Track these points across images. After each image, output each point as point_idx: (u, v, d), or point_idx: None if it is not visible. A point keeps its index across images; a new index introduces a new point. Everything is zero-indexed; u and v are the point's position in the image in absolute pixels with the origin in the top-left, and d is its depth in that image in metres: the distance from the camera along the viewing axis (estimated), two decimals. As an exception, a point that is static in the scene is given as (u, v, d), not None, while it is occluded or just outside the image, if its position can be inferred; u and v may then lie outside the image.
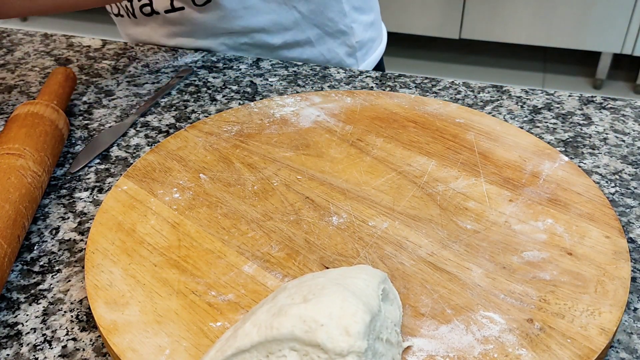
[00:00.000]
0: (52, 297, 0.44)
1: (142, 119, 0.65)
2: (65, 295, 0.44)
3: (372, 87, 0.70)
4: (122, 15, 0.84)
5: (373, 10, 0.89)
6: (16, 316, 0.42)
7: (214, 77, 0.73)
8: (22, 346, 0.40)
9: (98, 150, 0.59)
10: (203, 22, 0.77)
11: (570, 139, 0.60)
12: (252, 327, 0.33)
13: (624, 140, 0.59)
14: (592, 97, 0.67)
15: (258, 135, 0.58)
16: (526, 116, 0.63)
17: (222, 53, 0.79)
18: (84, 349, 0.40)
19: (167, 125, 0.64)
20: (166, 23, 0.79)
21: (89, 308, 0.42)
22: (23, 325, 0.42)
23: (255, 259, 0.44)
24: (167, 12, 0.77)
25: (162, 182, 0.52)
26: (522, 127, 0.61)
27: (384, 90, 0.69)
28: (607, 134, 0.60)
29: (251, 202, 0.49)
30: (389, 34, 0.98)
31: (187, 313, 0.39)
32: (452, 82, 0.71)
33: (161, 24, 0.79)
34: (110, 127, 0.64)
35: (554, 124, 0.62)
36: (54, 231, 0.50)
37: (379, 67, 0.94)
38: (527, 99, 0.67)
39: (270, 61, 0.77)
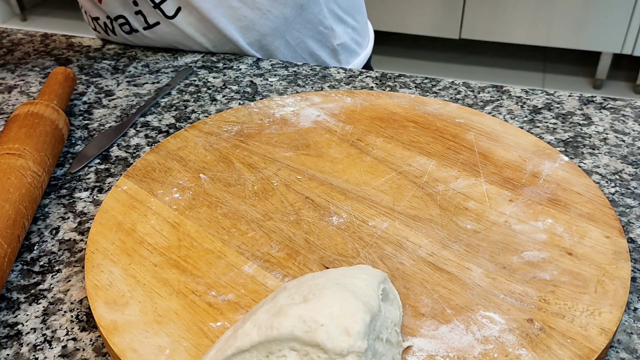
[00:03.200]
0: (52, 297, 0.44)
1: (142, 119, 0.65)
2: (65, 295, 0.44)
3: (372, 87, 0.70)
4: (98, 32, 0.84)
5: (357, 12, 0.88)
6: (16, 316, 0.42)
7: (214, 77, 0.73)
8: (22, 346, 0.40)
9: (98, 150, 0.59)
10: (180, 33, 0.77)
11: (570, 139, 0.60)
12: (252, 327, 0.33)
13: (624, 140, 0.59)
14: (592, 97, 0.67)
15: (258, 135, 0.58)
16: (526, 116, 0.63)
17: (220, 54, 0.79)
18: (84, 349, 0.40)
19: (167, 125, 0.64)
20: (147, 38, 0.80)
21: (89, 308, 0.42)
22: (23, 325, 0.42)
23: (255, 259, 0.44)
24: (145, 29, 0.78)
25: (162, 182, 0.52)
26: (522, 127, 0.61)
27: (384, 90, 0.69)
28: (607, 134, 0.60)
29: (251, 202, 0.49)
30: (390, 34, 0.98)
31: (187, 313, 0.39)
32: (452, 82, 0.71)
33: (142, 40, 0.80)
34: (110, 127, 0.64)
35: (554, 124, 0.62)
36: (54, 231, 0.50)
37: (367, 69, 0.94)
38: (527, 99, 0.67)
39: (270, 61, 0.77)
